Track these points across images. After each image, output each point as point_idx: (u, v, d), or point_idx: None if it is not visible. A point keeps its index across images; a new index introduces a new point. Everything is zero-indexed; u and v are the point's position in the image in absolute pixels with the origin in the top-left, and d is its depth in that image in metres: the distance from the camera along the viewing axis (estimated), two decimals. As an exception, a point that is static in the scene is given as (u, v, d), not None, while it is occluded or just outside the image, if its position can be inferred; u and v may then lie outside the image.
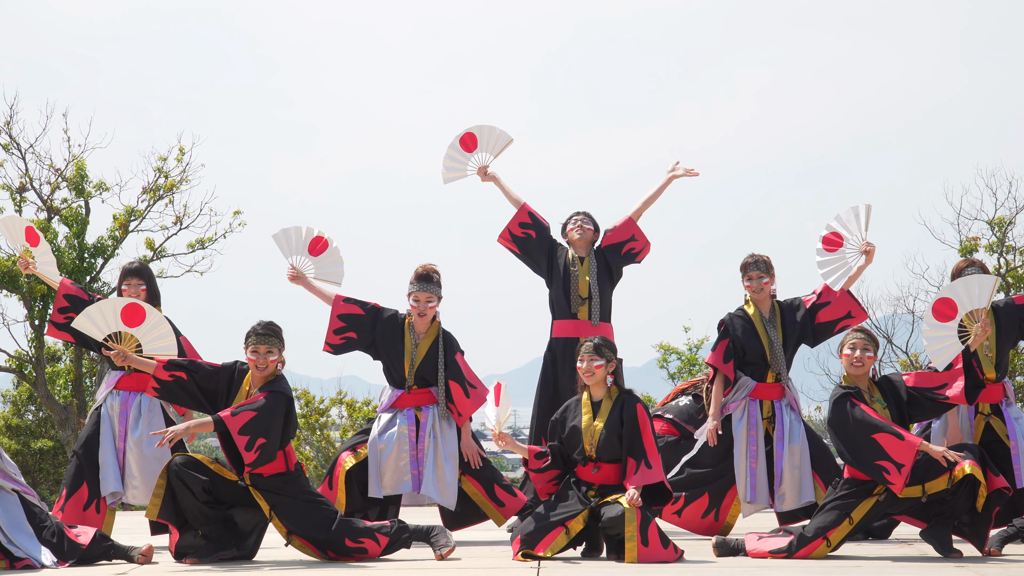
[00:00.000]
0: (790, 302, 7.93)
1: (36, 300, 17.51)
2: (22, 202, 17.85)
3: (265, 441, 6.67)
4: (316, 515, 6.84)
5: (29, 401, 20.80)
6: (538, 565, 6.52)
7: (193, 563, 6.72)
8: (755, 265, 7.85)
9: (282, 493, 6.83)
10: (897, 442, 6.67)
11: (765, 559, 6.77)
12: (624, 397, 6.94)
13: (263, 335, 6.86)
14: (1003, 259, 18.53)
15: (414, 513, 10.13)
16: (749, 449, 7.74)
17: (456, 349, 7.75)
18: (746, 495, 7.72)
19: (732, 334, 7.85)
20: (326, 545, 6.80)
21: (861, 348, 6.95)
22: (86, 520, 7.63)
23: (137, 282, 7.85)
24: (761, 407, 7.83)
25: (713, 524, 7.87)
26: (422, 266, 7.75)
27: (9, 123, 17.86)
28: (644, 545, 6.56)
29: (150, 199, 18.21)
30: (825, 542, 6.79)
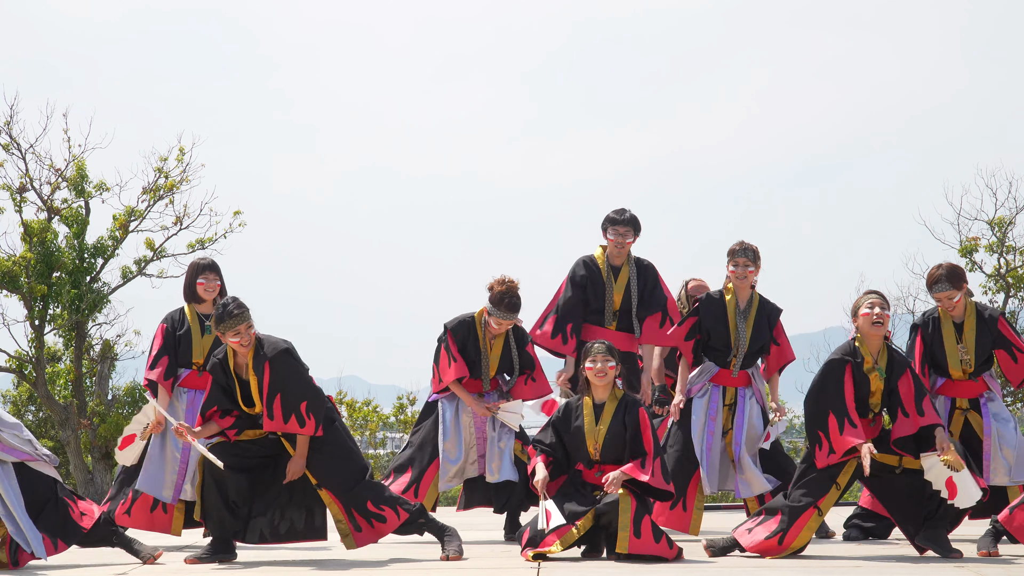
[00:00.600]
0: (772, 307, 7.91)
1: (36, 300, 17.51)
2: (22, 202, 17.84)
3: (316, 403, 6.74)
4: (345, 469, 6.82)
5: (29, 401, 20.79)
6: (538, 565, 6.52)
7: (193, 563, 6.72)
8: (743, 252, 7.82)
9: (320, 449, 6.81)
10: (837, 433, 6.74)
11: (764, 558, 6.78)
12: (627, 401, 6.94)
13: (239, 315, 6.74)
14: (1003, 259, 18.54)
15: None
16: (706, 435, 7.73)
17: (528, 340, 8.06)
18: (705, 483, 7.69)
19: (701, 314, 7.86)
20: (350, 503, 6.78)
21: (880, 306, 6.92)
22: (155, 523, 7.68)
23: (213, 276, 7.91)
24: (724, 393, 7.83)
25: (682, 515, 7.76)
26: (510, 292, 7.81)
27: (9, 123, 17.85)
28: (636, 537, 6.60)
29: (150, 199, 18.20)
30: (816, 511, 6.81)
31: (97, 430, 17.99)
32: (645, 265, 8.32)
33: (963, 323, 7.57)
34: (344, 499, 6.80)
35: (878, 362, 6.94)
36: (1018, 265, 18.52)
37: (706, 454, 7.72)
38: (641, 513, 6.65)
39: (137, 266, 18.22)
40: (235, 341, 6.76)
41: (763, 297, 7.94)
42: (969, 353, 7.58)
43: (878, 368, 6.92)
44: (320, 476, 6.81)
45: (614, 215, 8.27)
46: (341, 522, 6.83)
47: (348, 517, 6.79)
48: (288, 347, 6.80)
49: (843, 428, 6.76)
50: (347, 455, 6.87)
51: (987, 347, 7.59)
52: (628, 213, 8.26)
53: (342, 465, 6.84)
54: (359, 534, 6.83)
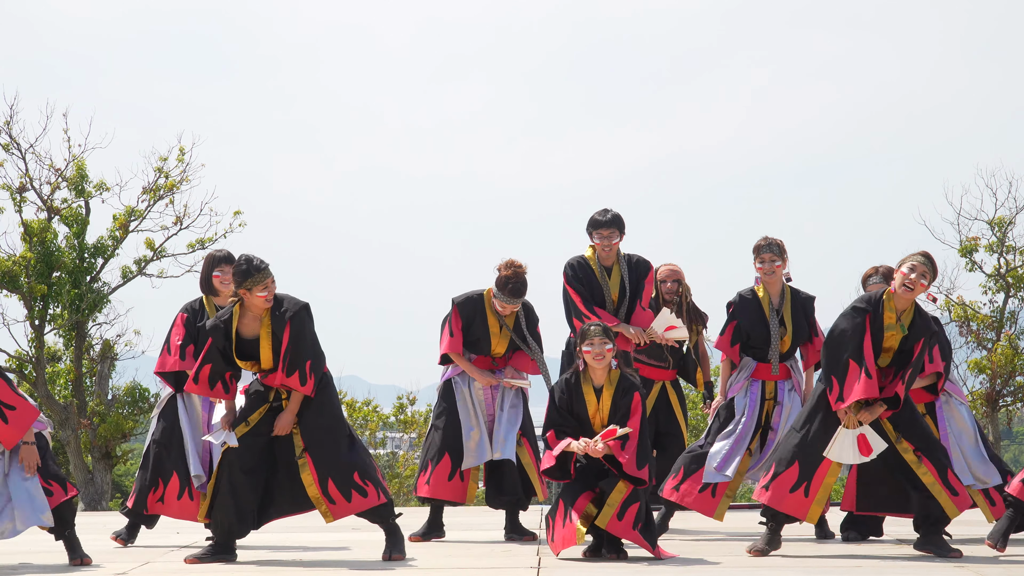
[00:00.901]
0: (805, 296, 7.92)
1: (36, 300, 17.52)
2: (22, 202, 17.85)
3: (318, 364, 6.76)
4: (332, 431, 6.81)
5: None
6: (538, 565, 6.53)
7: (193, 563, 6.72)
8: (768, 248, 7.82)
9: (310, 406, 6.80)
10: (858, 378, 6.75)
11: (765, 558, 6.78)
12: (624, 385, 6.94)
13: (266, 268, 6.76)
14: (1003, 259, 18.54)
15: (411, 512, 10.13)
16: (740, 427, 7.71)
17: (537, 321, 8.03)
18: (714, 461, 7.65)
19: (737, 316, 7.87)
20: (327, 473, 6.72)
21: (920, 273, 6.87)
22: (184, 508, 7.69)
23: (229, 269, 7.90)
24: (763, 388, 7.84)
25: (709, 500, 7.67)
26: (515, 277, 7.79)
27: (9, 123, 17.88)
28: (618, 519, 6.66)
29: (150, 199, 18.23)
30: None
31: (97, 430, 17.99)
32: (636, 261, 8.29)
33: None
34: (322, 470, 6.75)
35: (901, 319, 6.92)
36: (1018, 265, 18.52)
37: (733, 444, 7.68)
38: (632, 499, 6.70)
39: (137, 266, 18.25)
40: (263, 296, 6.75)
41: (794, 288, 7.92)
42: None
43: (900, 324, 6.91)
44: (308, 436, 6.77)
45: (598, 217, 8.20)
46: (317, 497, 6.76)
47: (322, 491, 6.74)
48: (307, 305, 6.84)
49: (860, 377, 6.76)
50: (336, 420, 6.86)
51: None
52: (610, 214, 8.16)
53: (330, 426, 6.82)
54: (334, 506, 6.75)
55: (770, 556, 6.88)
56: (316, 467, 6.75)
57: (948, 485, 6.82)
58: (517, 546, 7.52)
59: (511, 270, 7.77)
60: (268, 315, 6.80)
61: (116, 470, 22.41)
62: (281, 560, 6.99)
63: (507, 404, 7.94)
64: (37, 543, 7.85)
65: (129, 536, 7.86)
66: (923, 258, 6.92)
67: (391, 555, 6.80)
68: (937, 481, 6.82)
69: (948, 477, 6.83)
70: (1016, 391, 18.48)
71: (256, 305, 6.78)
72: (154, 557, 7.18)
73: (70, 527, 6.70)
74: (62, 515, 6.67)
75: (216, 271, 7.91)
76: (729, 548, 7.32)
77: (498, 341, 7.95)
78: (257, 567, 6.67)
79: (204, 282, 7.97)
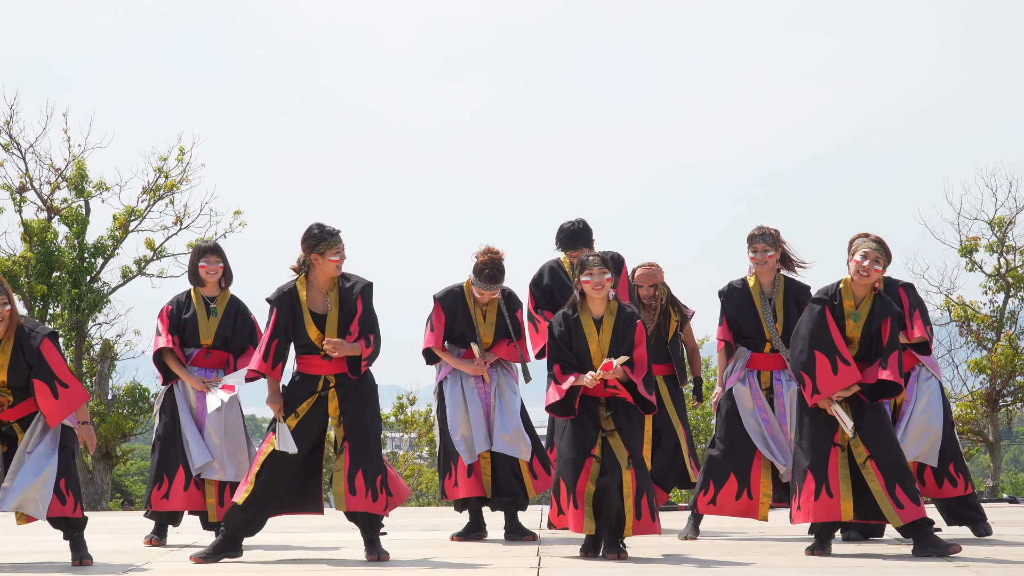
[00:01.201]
0: (799, 285, 7.85)
1: (36, 300, 17.52)
2: (22, 202, 17.85)
3: (379, 340, 6.77)
4: (373, 438, 6.81)
5: None
6: (538, 565, 6.53)
7: (198, 562, 6.72)
8: (761, 237, 7.77)
9: (354, 398, 6.79)
10: (830, 372, 6.75)
11: (765, 558, 6.78)
12: (624, 315, 6.91)
13: (338, 233, 6.80)
14: (1003, 259, 18.53)
15: (401, 512, 10.12)
16: (760, 418, 7.69)
17: (519, 306, 8.01)
18: (778, 460, 7.62)
19: (726, 306, 7.85)
20: (358, 463, 6.70)
21: (872, 259, 6.85)
22: (192, 501, 7.74)
23: (216, 259, 7.97)
24: (759, 377, 7.80)
25: (748, 503, 7.70)
26: (491, 263, 7.79)
27: (9, 123, 17.88)
28: (637, 519, 6.70)
29: (150, 199, 18.23)
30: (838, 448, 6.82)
31: (97, 430, 17.97)
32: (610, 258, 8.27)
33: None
34: (355, 460, 6.74)
35: (859, 308, 6.91)
36: (1018, 265, 18.52)
37: (769, 437, 7.65)
38: (640, 492, 6.73)
39: (137, 266, 18.24)
40: (335, 260, 6.76)
41: (788, 278, 7.87)
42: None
43: (856, 315, 6.89)
44: (349, 428, 6.75)
45: (568, 236, 8.10)
46: (339, 482, 6.75)
47: (348, 476, 6.74)
48: (372, 283, 6.87)
49: (836, 368, 6.76)
50: (376, 423, 6.88)
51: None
52: (577, 225, 8.08)
53: (371, 426, 6.82)
54: (352, 498, 6.73)
55: (770, 556, 6.88)
56: (351, 456, 6.75)
57: (893, 496, 6.75)
58: (517, 546, 7.52)
59: (487, 256, 7.78)
60: (336, 288, 6.81)
61: (116, 470, 22.41)
62: (287, 559, 7.00)
63: (502, 395, 7.90)
64: (37, 543, 7.86)
65: (160, 536, 7.88)
66: (875, 243, 6.90)
67: (379, 556, 6.80)
68: (883, 490, 6.76)
69: (895, 489, 6.75)
70: (1016, 391, 18.47)
71: (326, 272, 6.77)
72: (154, 557, 7.18)
73: (80, 529, 6.72)
74: (78, 523, 6.69)
75: (202, 261, 7.95)
76: (729, 549, 7.32)
77: (483, 331, 7.93)
78: (257, 567, 6.67)
79: (191, 273, 8.02)
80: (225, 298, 7.99)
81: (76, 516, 6.62)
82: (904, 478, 6.78)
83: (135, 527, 9.35)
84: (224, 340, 7.92)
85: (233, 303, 7.99)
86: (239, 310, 7.98)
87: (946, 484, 7.60)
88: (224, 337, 7.91)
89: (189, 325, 7.90)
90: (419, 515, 10.84)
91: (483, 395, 7.90)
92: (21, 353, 6.56)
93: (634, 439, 6.82)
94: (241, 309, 8.00)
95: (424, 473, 23.50)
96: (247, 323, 7.98)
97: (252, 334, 7.96)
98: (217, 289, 7.99)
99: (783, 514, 9.97)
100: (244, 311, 8.00)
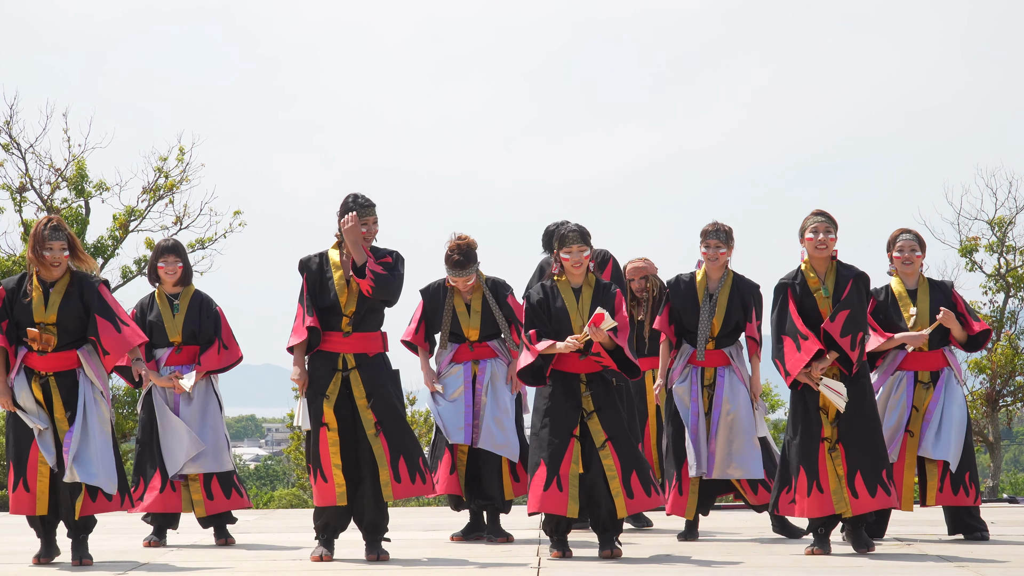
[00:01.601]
0: (748, 283, 7.80)
1: (36, 300, 17.53)
2: (22, 202, 17.85)
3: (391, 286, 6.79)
4: (402, 419, 6.85)
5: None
6: (538, 565, 6.52)
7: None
8: (715, 234, 7.75)
9: (378, 383, 6.82)
10: (794, 351, 6.82)
11: (765, 558, 6.78)
12: (602, 285, 6.93)
13: (370, 205, 6.90)
14: (1003, 259, 18.53)
15: (400, 510, 10.12)
16: (690, 416, 7.68)
17: (507, 292, 7.97)
18: (692, 465, 7.61)
19: (671, 297, 7.84)
20: (399, 449, 6.75)
21: (823, 231, 6.94)
22: (168, 503, 7.76)
23: (173, 259, 7.97)
24: (702, 374, 7.77)
25: (677, 498, 7.68)
26: (454, 247, 7.80)
27: (9, 123, 17.87)
28: (630, 498, 6.72)
29: (150, 199, 18.21)
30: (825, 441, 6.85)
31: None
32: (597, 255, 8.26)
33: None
34: (394, 447, 6.77)
35: (825, 282, 6.96)
36: (1018, 265, 18.51)
37: (691, 436, 7.64)
38: (628, 469, 6.74)
39: (137, 266, 18.22)
40: (364, 231, 6.85)
41: (738, 275, 7.83)
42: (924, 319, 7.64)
43: (824, 288, 6.94)
44: (380, 413, 6.77)
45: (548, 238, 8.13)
46: (384, 470, 6.74)
47: (391, 463, 6.75)
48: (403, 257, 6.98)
49: (799, 345, 6.82)
50: (401, 405, 6.93)
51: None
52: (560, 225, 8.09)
53: (398, 409, 6.86)
54: (398, 485, 6.76)
55: (769, 556, 6.88)
56: (389, 444, 6.78)
57: (851, 485, 6.80)
58: (517, 546, 7.52)
59: (455, 243, 7.80)
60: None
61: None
62: (292, 558, 7.00)
63: (492, 390, 7.84)
64: (37, 543, 7.86)
65: (159, 538, 7.88)
66: (820, 216, 6.99)
67: (378, 555, 6.80)
68: (844, 477, 6.81)
69: (855, 477, 6.79)
70: (1016, 391, 18.46)
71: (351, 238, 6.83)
72: (154, 557, 7.18)
73: (91, 530, 6.77)
74: (86, 522, 6.73)
75: (160, 261, 7.99)
76: (729, 549, 7.32)
77: (468, 323, 7.88)
78: (258, 567, 6.67)
79: (151, 271, 8.04)
80: (188, 293, 7.99)
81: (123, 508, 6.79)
82: (864, 468, 6.81)
83: (135, 527, 9.34)
84: (192, 334, 7.92)
85: (196, 296, 8.00)
86: (202, 302, 7.99)
87: (960, 492, 7.58)
88: (191, 331, 7.92)
89: (155, 326, 7.93)
90: (419, 515, 10.84)
91: (469, 389, 7.83)
92: (78, 297, 6.73)
93: (614, 419, 6.82)
94: (205, 301, 8.00)
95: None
96: (211, 315, 7.98)
97: (217, 326, 7.96)
98: (179, 287, 8.00)
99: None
100: (208, 303, 8.00)
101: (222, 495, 7.83)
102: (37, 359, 6.72)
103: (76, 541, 6.73)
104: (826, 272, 6.98)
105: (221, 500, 7.83)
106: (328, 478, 6.71)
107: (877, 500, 6.81)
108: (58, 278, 6.76)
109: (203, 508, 7.78)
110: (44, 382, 6.72)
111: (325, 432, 6.73)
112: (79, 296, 6.74)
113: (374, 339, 6.90)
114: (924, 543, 7.49)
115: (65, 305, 6.72)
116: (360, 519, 6.85)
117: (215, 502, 7.81)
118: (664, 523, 8.66)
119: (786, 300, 6.93)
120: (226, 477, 7.87)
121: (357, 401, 6.79)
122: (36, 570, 6.62)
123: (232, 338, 8.00)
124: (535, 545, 7.50)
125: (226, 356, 7.96)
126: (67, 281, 6.78)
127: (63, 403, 6.70)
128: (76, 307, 6.73)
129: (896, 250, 7.63)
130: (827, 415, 6.89)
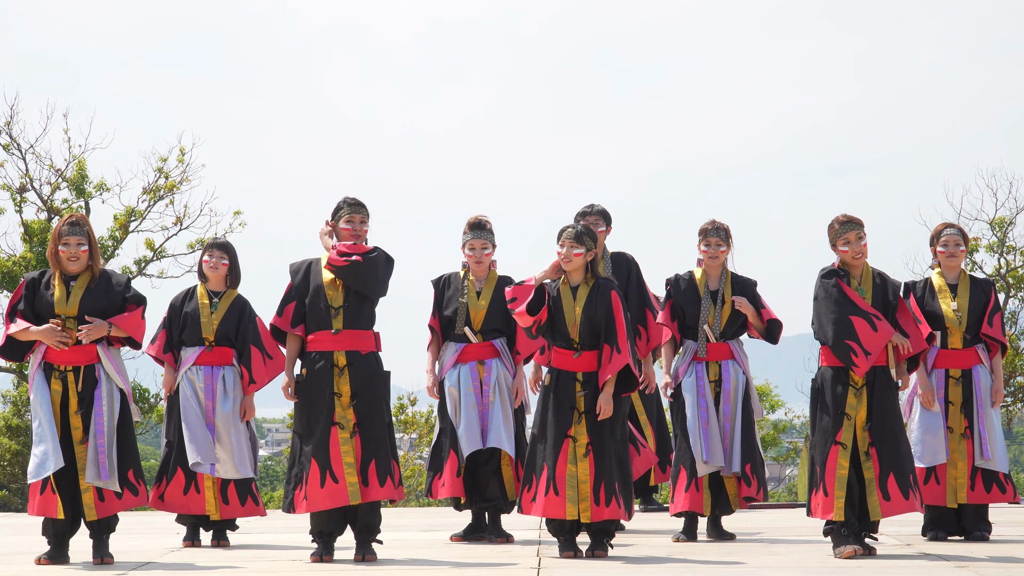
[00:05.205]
0: (744, 280, 7.84)
1: (36, 300, 17.52)
2: (22, 202, 17.85)
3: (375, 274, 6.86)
4: (382, 422, 6.86)
5: (29, 402, 20.81)
6: (538, 565, 6.53)
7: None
8: (715, 232, 7.80)
9: (368, 388, 6.84)
10: (870, 330, 6.83)
11: (765, 558, 6.78)
12: (601, 283, 6.93)
13: (357, 204, 7.00)
14: (1003, 259, 18.53)
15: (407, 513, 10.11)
16: (700, 411, 7.68)
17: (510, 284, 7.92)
18: (701, 454, 7.62)
19: (673, 296, 7.86)
20: (372, 453, 6.76)
21: (856, 237, 6.98)
22: (189, 504, 7.75)
23: (220, 254, 7.97)
24: (708, 369, 7.79)
25: (695, 495, 7.65)
26: (474, 216, 7.90)
27: (9, 123, 17.87)
28: (597, 505, 6.73)
29: (150, 199, 18.21)
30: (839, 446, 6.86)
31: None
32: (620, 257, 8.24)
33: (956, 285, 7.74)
34: (366, 446, 6.78)
35: (861, 284, 7.03)
36: (1018, 265, 18.51)
37: (702, 430, 7.65)
38: (599, 479, 6.75)
39: (137, 266, 18.22)
40: (346, 228, 6.95)
41: (735, 274, 7.88)
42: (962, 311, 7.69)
43: (860, 290, 7.01)
44: (361, 413, 6.78)
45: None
46: (352, 473, 6.75)
47: (361, 466, 6.76)
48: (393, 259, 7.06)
49: (875, 325, 6.86)
50: (385, 408, 6.94)
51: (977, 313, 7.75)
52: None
53: (381, 411, 6.88)
54: (365, 489, 6.75)
55: (768, 556, 6.89)
56: (363, 446, 6.79)
57: (883, 487, 6.82)
58: (517, 546, 7.52)
59: (475, 216, 7.92)
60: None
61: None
62: (293, 559, 7.00)
63: (499, 390, 7.83)
64: (36, 543, 7.86)
65: (193, 539, 7.86)
66: (852, 227, 7.00)
67: (364, 556, 6.79)
68: (875, 479, 6.83)
69: (888, 479, 6.82)
70: (1016, 391, 18.47)
71: (341, 239, 6.94)
72: (156, 557, 7.18)
73: (110, 531, 6.79)
74: (107, 522, 6.75)
75: (206, 255, 7.99)
76: (729, 549, 7.32)
77: (476, 309, 7.85)
78: (258, 567, 6.67)
79: (199, 266, 8.07)
80: (231, 296, 7.94)
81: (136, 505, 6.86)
82: (897, 472, 6.83)
83: (135, 527, 9.35)
84: (225, 335, 7.86)
85: (238, 301, 7.94)
86: (243, 308, 7.93)
87: (995, 490, 7.67)
88: (225, 332, 7.86)
89: (191, 319, 7.88)
90: (419, 515, 10.84)
91: (477, 392, 7.83)
92: (102, 291, 6.79)
93: (603, 423, 6.81)
94: (246, 307, 7.93)
95: (424, 474, 23.45)
96: (249, 322, 7.89)
97: (256, 334, 7.86)
98: (223, 286, 7.95)
99: (784, 514, 10.00)
100: (248, 310, 7.92)
101: (237, 501, 7.80)
102: (56, 353, 6.77)
103: (97, 540, 6.76)
104: (862, 277, 7.05)
105: (236, 506, 7.80)
106: (339, 478, 6.71)
107: (910, 503, 6.85)
108: (77, 272, 6.81)
109: (216, 512, 7.77)
110: (63, 376, 6.76)
111: (336, 431, 6.74)
112: (104, 292, 6.79)
113: (366, 338, 6.91)
114: (924, 543, 7.49)
115: (87, 300, 6.77)
116: (353, 520, 6.85)
117: (229, 507, 7.79)
118: (664, 523, 8.66)
119: (839, 285, 6.93)
120: (244, 484, 7.83)
121: (340, 399, 6.80)
122: (37, 570, 6.62)
123: (276, 347, 7.81)
124: (535, 545, 7.50)
125: (272, 367, 7.88)
126: (89, 277, 6.81)
127: (78, 399, 6.73)
128: (99, 303, 6.79)
129: (940, 244, 7.78)
130: (850, 418, 6.87)
